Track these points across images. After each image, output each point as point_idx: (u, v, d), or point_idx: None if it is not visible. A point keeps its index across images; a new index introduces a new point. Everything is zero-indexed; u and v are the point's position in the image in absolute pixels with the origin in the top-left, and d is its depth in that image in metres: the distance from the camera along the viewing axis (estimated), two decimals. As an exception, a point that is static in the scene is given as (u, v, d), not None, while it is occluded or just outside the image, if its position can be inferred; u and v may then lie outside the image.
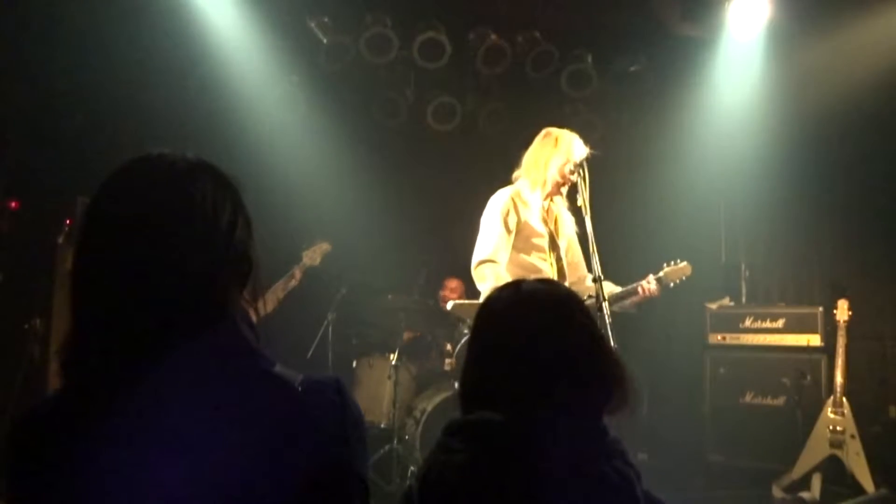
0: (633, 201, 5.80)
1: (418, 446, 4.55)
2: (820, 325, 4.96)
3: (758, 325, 5.21)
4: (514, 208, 3.48)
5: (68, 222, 4.27)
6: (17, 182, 4.62)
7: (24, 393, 3.90)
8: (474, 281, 3.46)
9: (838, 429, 4.44)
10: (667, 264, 3.62)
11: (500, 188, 3.61)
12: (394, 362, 4.84)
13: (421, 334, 5.57)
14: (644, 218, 5.85)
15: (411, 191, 5.80)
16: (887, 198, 5.32)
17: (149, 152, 1.06)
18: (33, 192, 4.63)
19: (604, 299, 2.99)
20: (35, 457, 0.97)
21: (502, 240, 3.44)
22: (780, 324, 5.13)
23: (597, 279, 3.05)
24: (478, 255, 3.45)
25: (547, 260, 3.52)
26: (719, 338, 5.33)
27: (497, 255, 3.41)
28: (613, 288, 3.43)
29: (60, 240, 4.24)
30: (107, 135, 4.71)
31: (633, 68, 5.73)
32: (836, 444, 4.42)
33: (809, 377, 4.81)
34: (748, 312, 5.32)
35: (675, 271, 3.59)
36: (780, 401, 4.97)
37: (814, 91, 5.23)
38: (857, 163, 5.41)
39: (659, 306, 3.70)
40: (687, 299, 4.25)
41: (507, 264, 3.44)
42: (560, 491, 1.22)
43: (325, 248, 4.72)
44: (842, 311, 4.69)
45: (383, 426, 4.84)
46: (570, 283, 3.58)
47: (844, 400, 4.48)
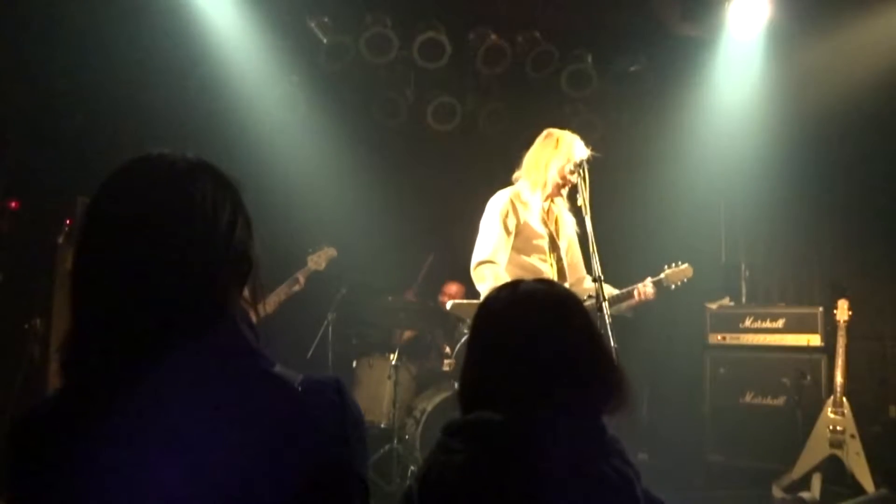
0: (633, 201, 5.80)
1: (418, 446, 4.55)
2: (820, 325, 4.96)
3: (758, 325, 5.21)
4: (514, 209, 3.48)
5: (68, 222, 4.27)
6: (17, 182, 4.62)
7: (24, 393, 3.90)
8: (473, 282, 3.46)
9: (838, 429, 4.44)
10: (668, 266, 3.61)
11: (500, 188, 3.60)
12: (394, 362, 4.84)
13: (421, 334, 5.57)
14: (644, 218, 5.85)
15: (411, 191, 5.79)
16: (887, 198, 5.32)
17: (149, 152, 1.06)
18: (33, 192, 4.63)
19: (604, 299, 2.99)
20: (35, 457, 0.97)
21: (501, 241, 3.44)
22: (780, 324, 5.13)
23: (597, 279, 3.04)
24: (477, 256, 3.45)
25: (547, 261, 3.52)
26: (719, 338, 5.33)
27: (496, 256, 3.41)
28: (611, 290, 3.43)
29: (60, 240, 4.24)
30: (107, 135, 4.71)
31: (633, 68, 5.73)
32: (836, 444, 4.42)
33: (809, 377, 4.81)
34: (748, 312, 5.32)
35: (676, 273, 3.59)
36: (780, 401, 4.97)
37: (814, 91, 5.23)
38: (857, 163, 5.41)
39: (659, 306, 3.68)
40: (687, 299, 4.24)
41: (506, 265, 3.44)
42: (559, 490, 1.22)
43: (331, 253, 4.72)
44: (842, 311, 4.69)
45: (383, 426, 4.85)
46: (570, 283, 3.58)
47: (844, 400, 4.48)
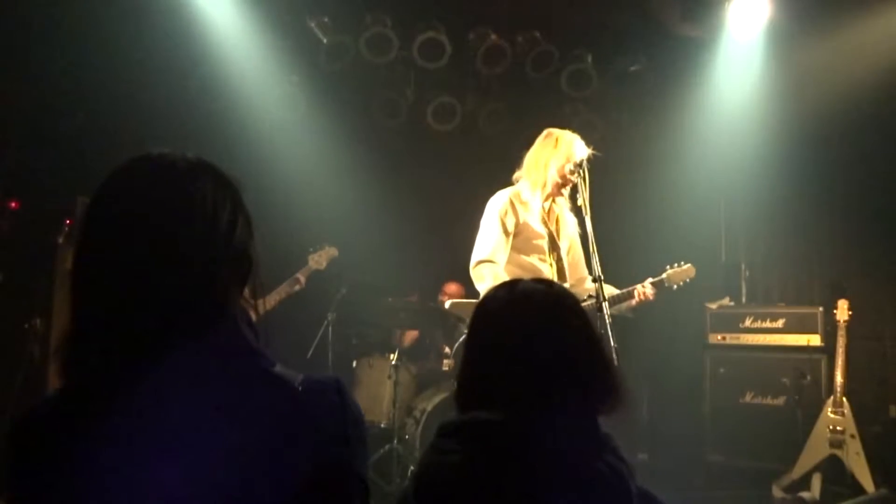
0: (634, 201, 5.80)
1: (418, 446, 4.55)
2: (820, 325, 4.96)
3: (758, 325, 5.21)
4: (513, 209, 3.48)
5: (68, 222, 4.27)
6: (17, 182, 4.63)
7: (24, 393, 3.90)
8: (473, 281, 3.46)
9: (838, 429, 4.44)
10: (669, 266, 3.60)
11: (500, 188, 3.61)
12: (394, 362, 4.84)
13: (421, 334, 5.57)
14: (644, 218, 5.85)
15: (411, 191, 5.79)
16: (887, 197, 5.32)
17: (149, 152, 1.06)
18: (33, 192, 4.63)
19: (604, 299, 2.99)
20: (35, 457, 0.97)
21: (500, 241, 3.45)
22: (780, 324, 5.13)
23: (597, 279, 3.04)
24: (476, 256, 3.46)
25: (546, 261, 3.52)
26: (719, 338, 5.33)
27: (495, 256, 3.42)
28: (612, 290, 3.43)
29: (60, 240, 4.24)
30: (107, 135, 4.70)
31: (633, 68, 5.73)
32: (836, 444, 4.42)
33: (809, 377, 4.81)
34: (748, 312, 5.32)
35: (679, 273, 3.58)
36: (780, 401, 4.97)
37: (814, 91, 5.23)
38: (857, 162, 5.41)
39: (659, 307, 3.68)
40: (687, 299, 4.25)
41: (506, 265, 3.45)
42: (554, 489, 1.22)
43: (332, 252, 4.71)
44: (842, 311, 4.69)
45: (383, 426, 4.84)
46: (571, 283, 3.58)
47: (844, 400, 4.48)
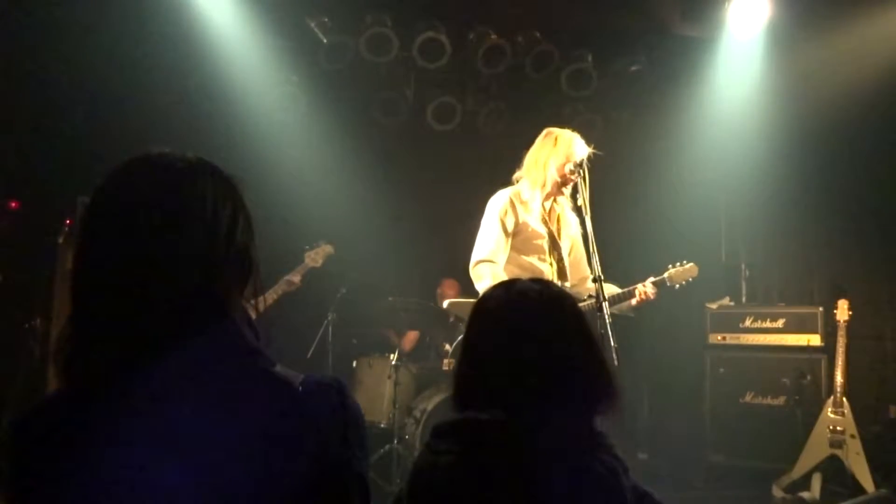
0: (634, 201, 5.80)
1: (418, 446, 4.54)
2: (820, 325, 4.96)
3: (758, 325, 5.21)
4: (513, 209, 3.48)
5: (68, 222, 4.27)
6: (17, 182, 4.63)
7: (25, 393, 3.90)
8: (472, 281, 3.46)
9: (838, 429, 4.44)
10: (672, 265, 3.55)
11: (500, 188, 3.60)
12: (394, 362, 4.84)
13: (421, 334, 5.57)
14: (644, 218, 5.85)
15: (411, 191, 5.79)
16: (887, 198, 5.32)
17: (148, 152, 1.06)
18: (33, 192, 4.63)
19: (604, 299, 2.98)
20: (35, 457, 0.97)
21: (500, 240, 3.45)
22: (780, 324, 5.13)
23: (597, 279, 3.04)
24: (476, 256, 3.47)
25: (547, 260, 3.51)
26: (719, 338, 5.33)
27: (494, 256, 3.42)
28: (613, 290, 3.42)
29: (60, 240, 4.24)
30: (107, 135, 4.70)
31: (633, 68, 5.73)
32: (836, 443, 4.42)
33: (809, 377, 4.81)
34: (748, 312, 5.32)
35: (681, 273, 3.53)
36: (780, 401, 4.97)
37: (814, 91, 5.23)
38: (857, 162, 5.40)
39: (659, 306, 3.67)
40: (687, 299, 4.25)
41: (506, 265, 3.45)
42: (549, 488, 1.23)
43: (328, 249, 4.71)
44: (842, 311, 4.69)
45: (383, 426, 4.85)
46: (572, 283, 3.57)
47: (844, 400, 4.48)
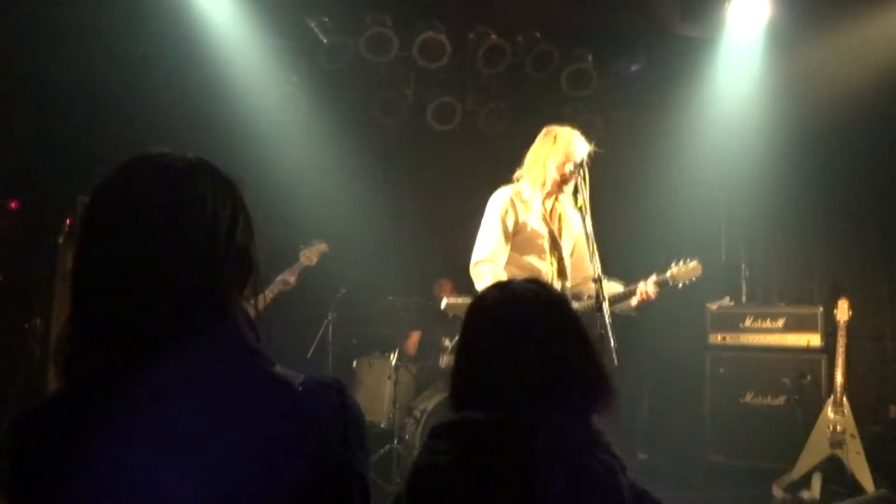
0: (634, 201, 5.80)
1: (418, 446, 4.54)
2: (820, 324, 4.96)
3: (758, 324, 5.21)
4: (513, 208, 3.47)
5: (68, 222, 4.27)
6: (17, 182, 4.63)
7: (25, 393, 3.90)
8: (472, 280, 3.46)
9: (838, 428, 4.44)
10: (675, 264, 3.45)
11: (500, 188, 3.60)
12: (394, 362, 4.84)
13: (422, 334, 5.57)
14: (644, 217, 5.85)
15: (411, 191, 5.79)
16: (887, 197, 5.32)
17: (148, 152, 1.06)
18: (33, 192, 4.63)
19: (604, 299, 2.98)
20: (35, 457, 0.97)
21: (500, 240, 3.44)
22: (780, 324, 5.13)
23: (596, 279, 3.04)
24: (475, 255, 3.46)
25: (547, 260, 3.50)
26: (719, 338, 5.32)
27: (494, 255, 3.42)
28: (617, 288, 3.41)
29: (60, 240, 4.24)
30: (107, 135, 4.70)
31: (634, 68, 5.73)
32: (836, 443, 4.42)
33: (809, 377, 4.81)
34: (748, 312, 5.32)
35: (684, 271, 3.44)
36: (781, 401, 4.97)
37: (814, 91, 5.23)
38: (857, 162, 5.41)
39: (659, 306, 3.65)
40: (687, 299, 4.25)
41: (506, 264, 3.44)
42: (546, 486, 1.23)
43: (323, 248, 4.70)
44: (842, 311, 4.69)
45: (383, 426, 4.85)
46: (574, 283, 3.56)
47: (844, 400, 4.48)
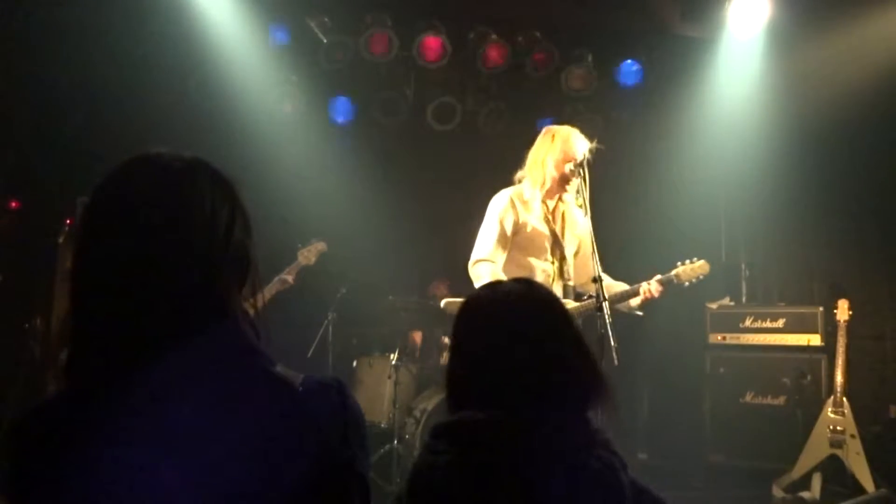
0: (634, 201, 5.80)
1: (418, 446, 4.54)
2: (820, 324, 4.96)
3: (758, 324, 5.21)
4: (513, 209, 3.48)
5: (68, 222, 4.28)
6: (17, 182, 4.63)
7: (24, 393, 3.90)
8: (472, 280, 3.46)
9: (838, 428, 4.44)
10: (680, 263, 3.43)
11: (500, 188, 3.60)
12: (394, 362, 4.84)
13: (423, 333, 5.57)
14: (644, 217, 5.85)
15: (411, 190, 5.79)
16: (887, 197, 5.32)
17: (146, 152, 1.06)
18: (33, 192, 4.64)
19: (604, 299, 2.98)
20: (35, 457, 0.97)
21: (499, 240, 3.45)
22: (780, 323, 5.13)
23: (596, 279, 3.04)
24: (474, 255, 3.47)
25: (548, 260, 3.50)
26: (719, 338, 5.32)
27: (493, 255, 3.43)
28: (622, 287, 3.41)
29: (60, 240, 4.25)
30: (107, 135, 4.71)
31: (634, 68, 5.73)
32: (837, 443, 4.42)
33: (810, 377, 4.81)
34: (748, 312, 5.32)
35: (691, 271, 3.41)
36: (781, 400, 4.97)
37: (814, 91, 5.23)
38: (857, 162, 5.40)
39: (660, 306, 3.65)
40: (687, 299, 4.25)
41: (506, 264, 3.45)
42: (546, 485, 1.23)
43: (321, 247, 4.70)
44: (842, 311, 4.69)
45: (383, 426, 4.84)
46: (578, 282, 3.55)
47: (844, 400, 4.47)
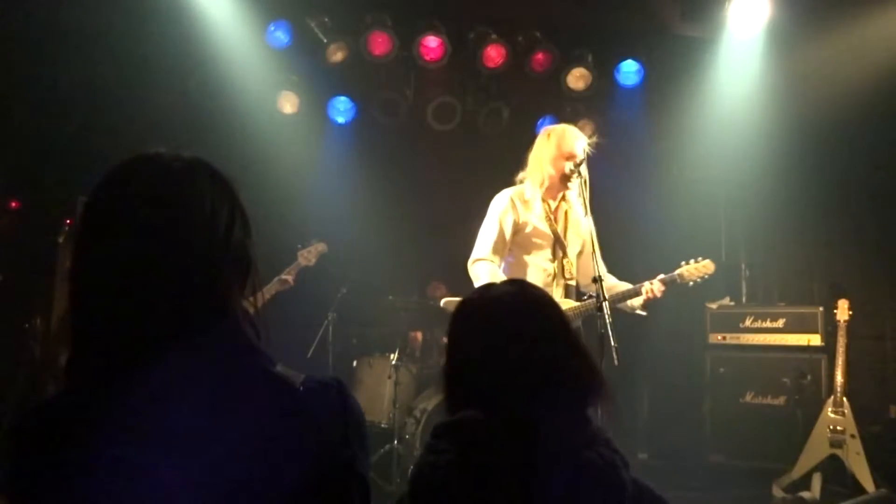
0: (634, 201, 5.79)
1: (418, 446, 4.55)
2: (820, 324, 4.96)
3: (758, 324, 5.21)
4: (513, 209, 3.49)
5: (68, 222, 4.28)
6: (17, 182, 4.63)
7: (25, 393, 3.90)
8: (471, 279, 3.47)
9: (838, 428, 4.44)
10: (685, 262, 3.43)
11: (500, 188, 3.61)
12: (394, 362, 4.84)
13: (422, 334, 5.57)
14: (644, 217, 5.84)
15: (411, 190, 5.79)
16: (887, 197, 5.32)
17: (145, 152, 1.06)
18: (33, 192, 4.64)
19: (604, 299, 2.99)
20: (36, 457, 0.97)
21: (498, 239, 3.46)
22: (780, 323, 5.13)
23: (596, 279, 3.04)
24: (474, 254, 3.50)
25: (549, 259, 3.50)
26: (719, 338, 5.32)
27: (492, 254, 3.44)
28: (625, 286, 3.41)
29: (60, 240, 4.25)
30: (107, 135, 4.71)
31: (634, 68, 5.73)
32: (837, 443, 4.42)
33: (810, 377, 4.81)
34: (748, 312, 5.32)
35: (695, 270, 3.40)
36: (781, 400, 4.97)
37: (814, 91, 5.23)
38: (856, 162, 5.40)
39: (660, 306, 3.65)
40: (687, 299, 4.25)
41: (508, 264, 3.47)
42: (546, 483, 1.24)
43: (321, 248, 4.70)
44: (842, 311, 4.69)
45: (383, 426, 4.84)
46: (581, 282, 3.55)
47: (844, 400, 4.48)
